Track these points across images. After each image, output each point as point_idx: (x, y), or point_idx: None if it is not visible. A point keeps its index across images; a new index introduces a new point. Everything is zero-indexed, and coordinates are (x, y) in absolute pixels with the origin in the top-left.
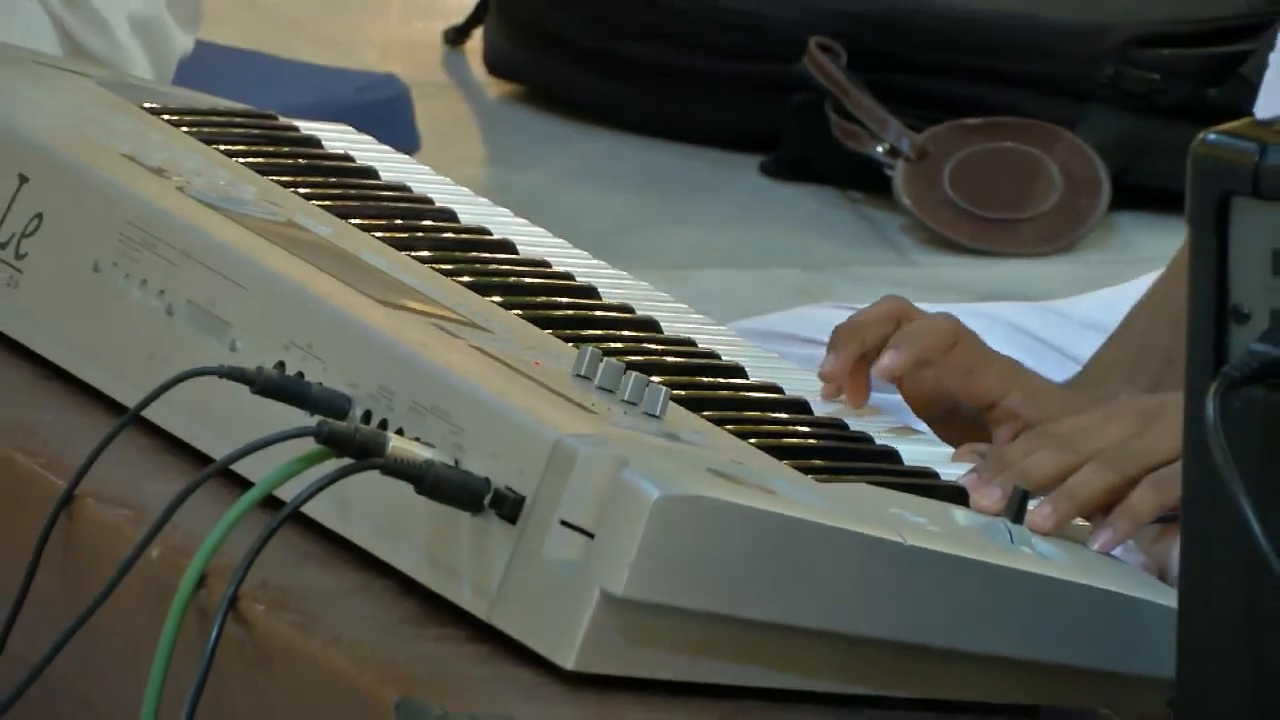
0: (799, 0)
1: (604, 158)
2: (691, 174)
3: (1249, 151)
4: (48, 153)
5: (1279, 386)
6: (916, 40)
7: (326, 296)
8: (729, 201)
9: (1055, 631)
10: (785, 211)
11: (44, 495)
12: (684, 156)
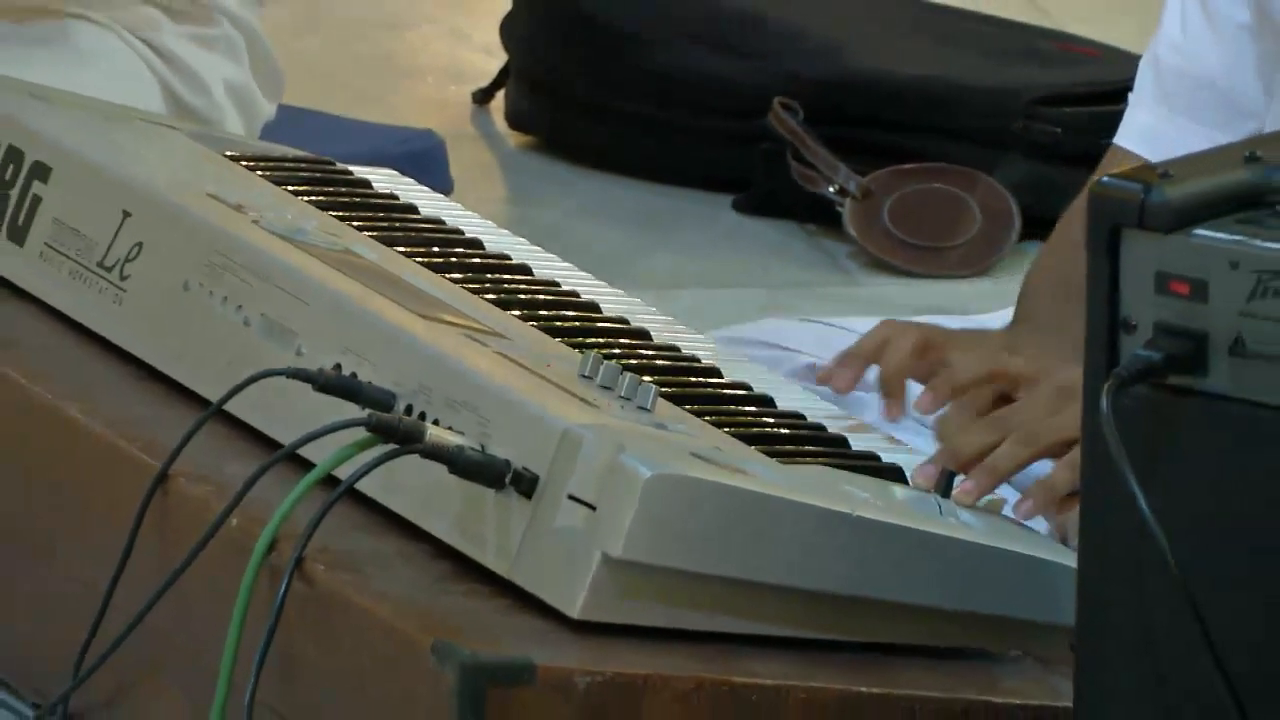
0: (765, 68)
1: (604, 197)
2: (676, 210)
3: (1136, 191)
4: (146, 193)
5: (1160, 386)
6: (862, 101)
7: (376, 310)
8: (707, 233)
9: (976, 586)
10: (753, 241)
11: (142, 474)
12: (670, 196)
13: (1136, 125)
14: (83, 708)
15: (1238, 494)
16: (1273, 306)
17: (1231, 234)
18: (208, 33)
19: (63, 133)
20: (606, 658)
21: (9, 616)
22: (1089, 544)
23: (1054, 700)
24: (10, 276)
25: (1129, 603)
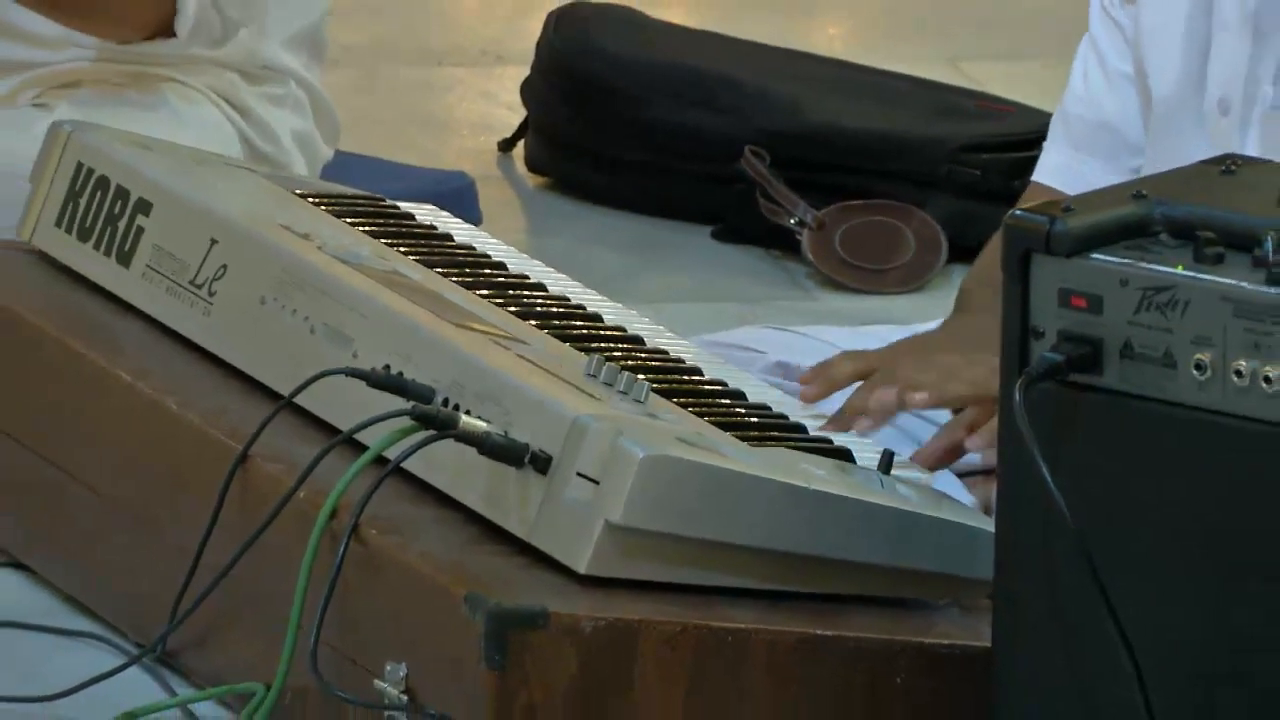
0: (738, 122)
1: (605, 228)
2: (665, 238)
3: (1043, 223)
4: (230, 224)
5: (1063, 382)
6: (817, 149)
7: (418, 320)
8: (691, 257)
9: (911, 547)
10: (728, 264)
11: (226, 455)
12: (659, 227)
13: (1050, 164)
14: (177, 647)
15: (1126, 469)
16: (1155, 318)
17: (1121, 258)
18: (277, 92)
19: (161, 175)
20: (608, 606)
21: (118, 574)
22: (1005, 512)
23: (976, 640)
24: (119, 293)
25: (1037, 560)
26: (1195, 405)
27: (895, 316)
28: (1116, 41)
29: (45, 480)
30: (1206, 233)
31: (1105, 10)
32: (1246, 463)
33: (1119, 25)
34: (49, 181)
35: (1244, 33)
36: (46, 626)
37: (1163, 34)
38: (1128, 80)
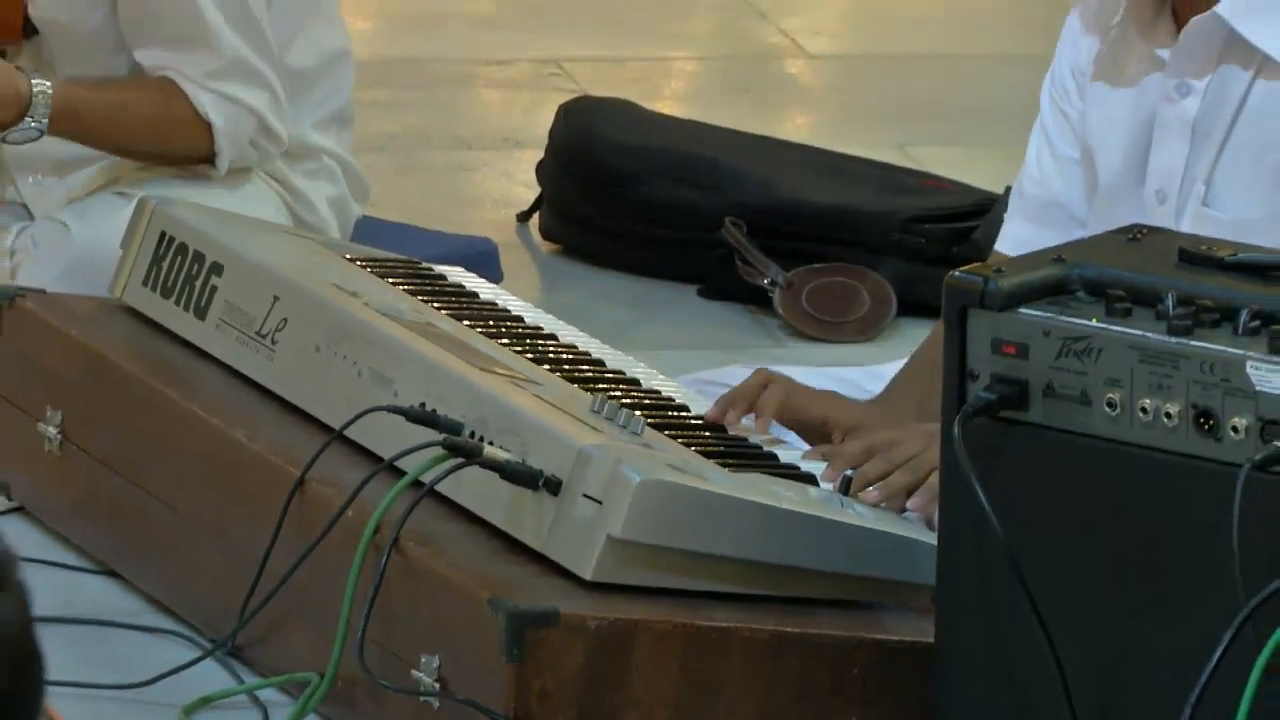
0: (719, 197)
1: (607, 287)
2: (658, 296)
3: (978, 282)
4: (290, 283)
5: (995, 417)
6: (787, 221)
7: (448, 365)
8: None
9: (867, 557)
10: (712, 318)
11: (286, 480)
12: (653, 287)
13: (1009, 235)
14: (245, 642)
15: (1049, 491)
16: (1073, 363)
17: (1044, 312)
18: (312, 167)
19: (231, 242)
20: (609, 607)
21: (195, 580)
22: (945, 527)
23: (921, 637)
24: (196, 342)
25: (973, 569)
26: (1107, 437)
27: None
28: (1065, 130)
29: (133, 500)
30: (1116, 291)
31: (1055, 102)
32: (1150, 485)
33: (1067, 116)
34: (136, 247)
35: (1184, 135)
36: (135, 625)
37: (1109, 128)
38: (1074, 164)
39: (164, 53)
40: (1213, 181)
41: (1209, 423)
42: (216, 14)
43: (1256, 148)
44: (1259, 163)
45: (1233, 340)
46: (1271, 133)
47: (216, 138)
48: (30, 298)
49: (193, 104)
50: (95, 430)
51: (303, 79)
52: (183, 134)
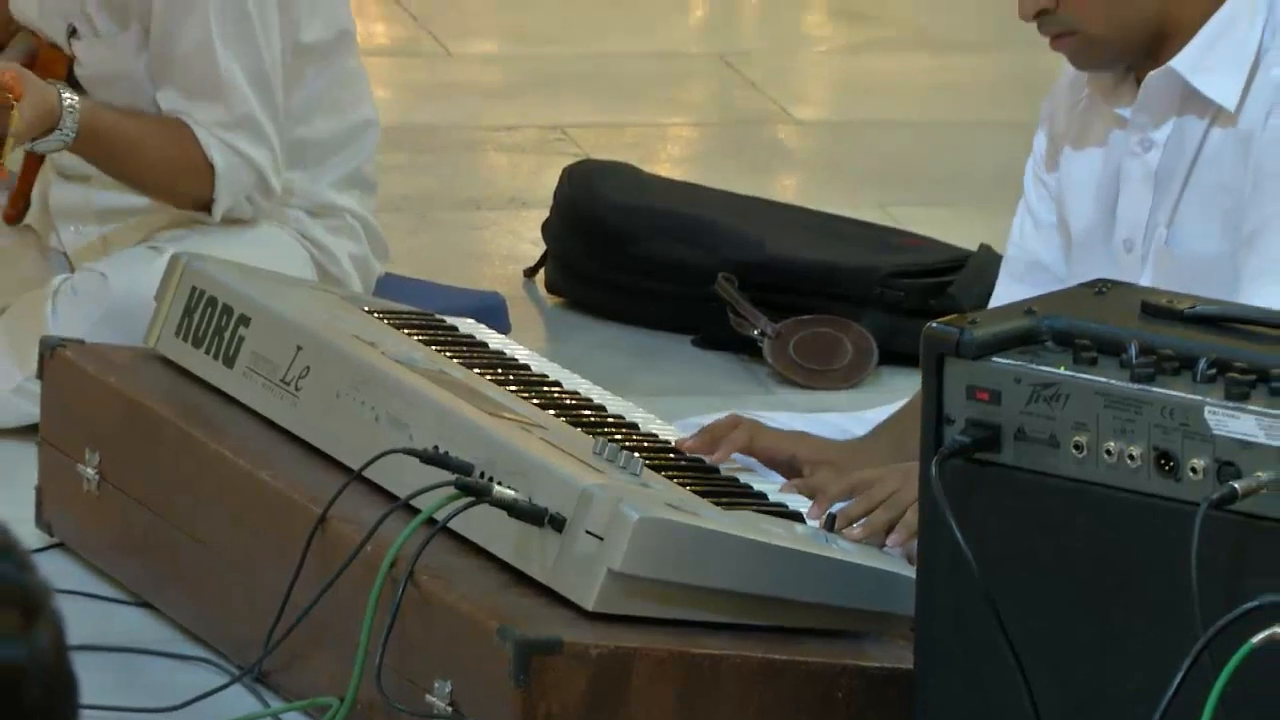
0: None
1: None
2: (656, 346)
3: (954, 333)
4: (312, 334)
5: (970, 459)
6: (776, 276)
7: (460, 410)
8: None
9: (850, 589)
10: (706, 366)
11: (309, 517)
12: (652, 337)
13: (1000, 297)
14: (270, 668)
15: (1020, 528)
16: (1042, 408)
17: (1015, 361)
18: (336, 224)
19: (258, 295)
20: (610, 636)
21: (223, 610)
22: (924, 561)
23: (901, 664)
24: (224, 389)
25: (950, 601)
26: (1074, 478)
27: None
28: (1044, 199)
29: (165, 536)
30: (1083, 341)
31: (1035, 174)
32: (1115, 522)
33: (1045, 185)
34: (169, 300)
35: (1146, 186)
36: (166, 652)
37: (1080, 187)
38: (1053, 229)
39: (180, 98)
40: (1174, 224)
41: (1169, 464)
42: (234, 70)
43: (1212, 191)
44: (1214, 204)
45: (1191, 387)
46: (1225, 176)
47: (217, 185)
48: (70, 348)
49: (203, 149)
50: (130, 471)
51: (322, 146)
52: (189, 176)
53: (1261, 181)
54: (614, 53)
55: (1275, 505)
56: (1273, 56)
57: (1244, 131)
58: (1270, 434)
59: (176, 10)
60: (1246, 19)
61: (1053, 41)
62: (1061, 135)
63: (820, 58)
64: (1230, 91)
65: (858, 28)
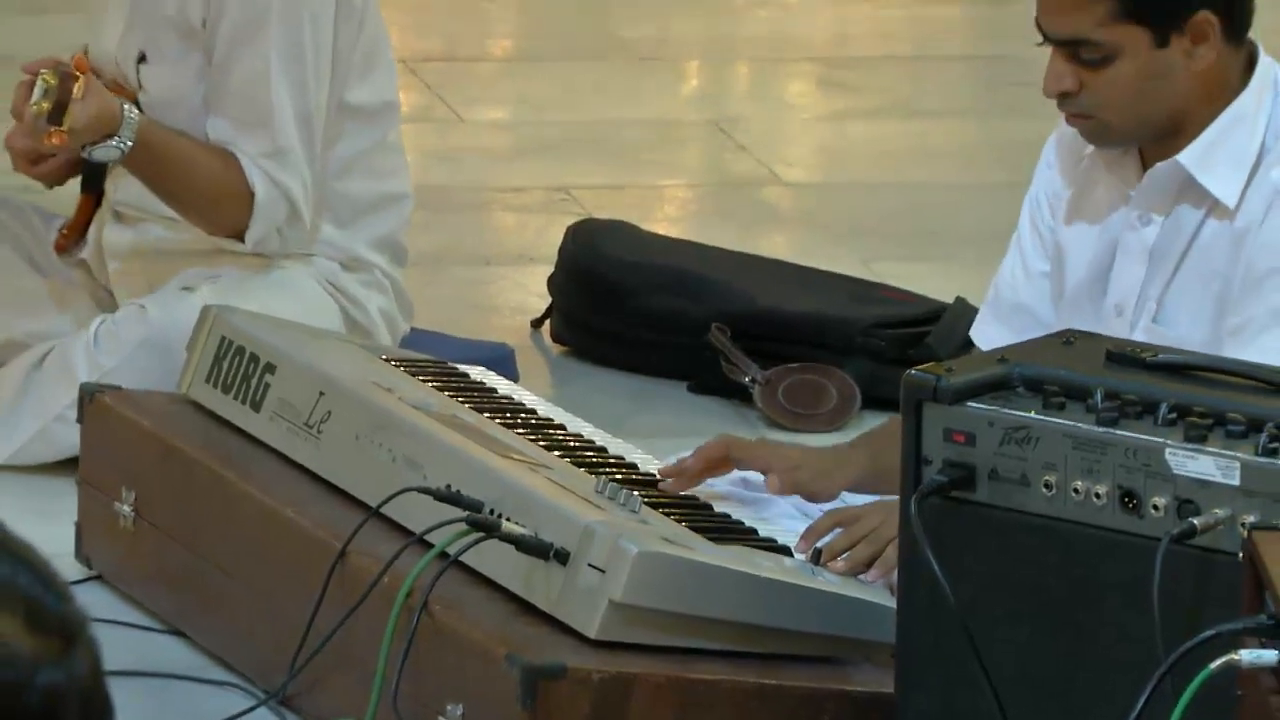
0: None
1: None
2: (654, 391)
3: (931, 379)
4: (334, 381)
5: (947, 497)
6: (765, 326)
7: (471, 451)
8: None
9: (835, 618)
10: (700, 410)
11: (330, 551)
12: (649, 383)
13: (985, 337)
14: (294, 692)
15: (994, 561)
16: (1014, 450)
17: (989, 405)
18: (366, 278)
19: (282, 345)
20: (611, 662)
21: (250, 638)
22: (904, 593)
23: (883, 689)
24: (252, 432)
25: (929, 629)
26: (1044, 514)
27: None
28: (1038, 247)
29: (195, 568)
30: (1052, 387)
31: (1034, 222)
32: (1082, 556)
33: (1040, 234)
34: (200, 349)
35: (1142, 259)
36: (197, 678)
37: (1079, 248)
38: (1044, 276)
39: (229, 127)
40: (1164, 302)
41: (1133, 502)
42: (284, 104)
43: (1203, 277)
44: (1205, 290)
45: (1153, 430)
46: (1217, 264)
47: (255, 212)
48: (108, 394)
49: (246, 177)
50: (164, 508)
51: (356, 205)
52: (230, 202)
53: (1249, 282)
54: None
55: (1232, 540)
56: (1273, 158)
57: (1240, 228)
58: (1226, 474)
59: (241, 40)
60: (1251, 120)
61: (1069, 118)
62: (1062, 184)
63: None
64: (1232, 189)
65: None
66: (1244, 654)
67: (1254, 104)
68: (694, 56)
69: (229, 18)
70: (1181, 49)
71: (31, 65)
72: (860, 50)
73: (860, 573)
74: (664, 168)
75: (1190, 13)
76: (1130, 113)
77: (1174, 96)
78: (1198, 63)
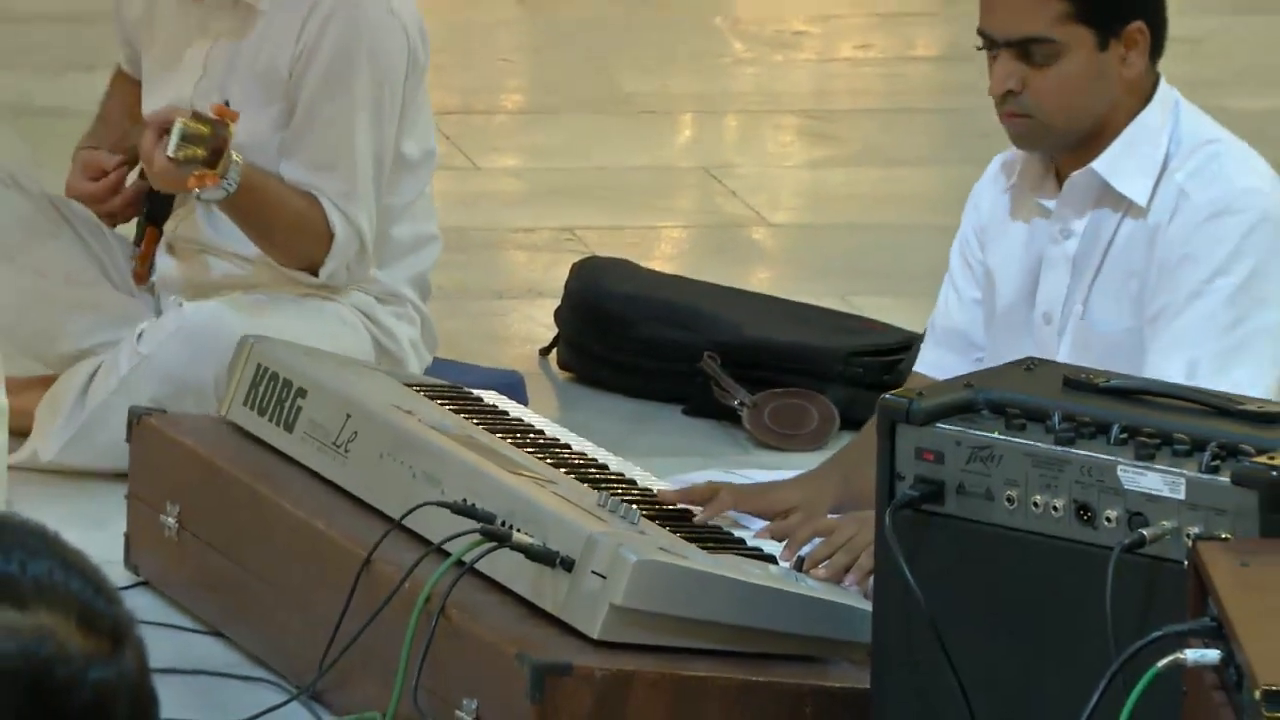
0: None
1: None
2: (651, 414)
3: (904, 403)
4: (360, 404)
5: (918, 510)
6: (753, 354)
7: (485, 468)
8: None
9: (816, 620)
10: (693, 431)
11: (356, 559)
12: (648, 406)
13: (924, 359)
14: (324, 688)
15: (961, 569)
16: (979, 467)
17: (956, 426)
18: (399, 311)
19: (313, 371)
20: (612, 661)
21: (283, 639)
22: (879, 597)
23: (860, 684)
24: (285, 451)
25: (901, 630)
26: (1007, 526)
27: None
28: (969, 276)
29: (234, 575)
30: (1013, 410)
31: (964, 257)
32: (1041, 564)
33: (971, 268)
34: (238, 375)
35: (1066, 269)
36: (235, 674)
37: (1006, 268)
38: (976, 304)
39: (306, 170)
40: (1088, 303)
41: (1088, 514)
42: (364, 148)
43: (1122, 275)
44: (1124, 287)
45: (1106, 449)
46: (1133, 263)
47: (332, 251)
48: (154, 416)
49: (327, 218)
50: (205, 520)
51: (398, 247)
52: (312, 241)
53: (1163, 272)
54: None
55: (1178, 549)
56: (1176, 164)
57: (1151, 225)
58: (1173, 489)
59: (328, 88)
60: (1156, 131)
61: (1007, 117)
62: (988, 220)
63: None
64: (1141, 190)
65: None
66: (1189, 653)
67: (1158, 118)
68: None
69: (317, 69)
70: (1117, 54)
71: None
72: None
73: (838, 579)
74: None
75: (1128, 20)
76: (1066, 112)
77: (1105, 100)
78: (1128, 69)
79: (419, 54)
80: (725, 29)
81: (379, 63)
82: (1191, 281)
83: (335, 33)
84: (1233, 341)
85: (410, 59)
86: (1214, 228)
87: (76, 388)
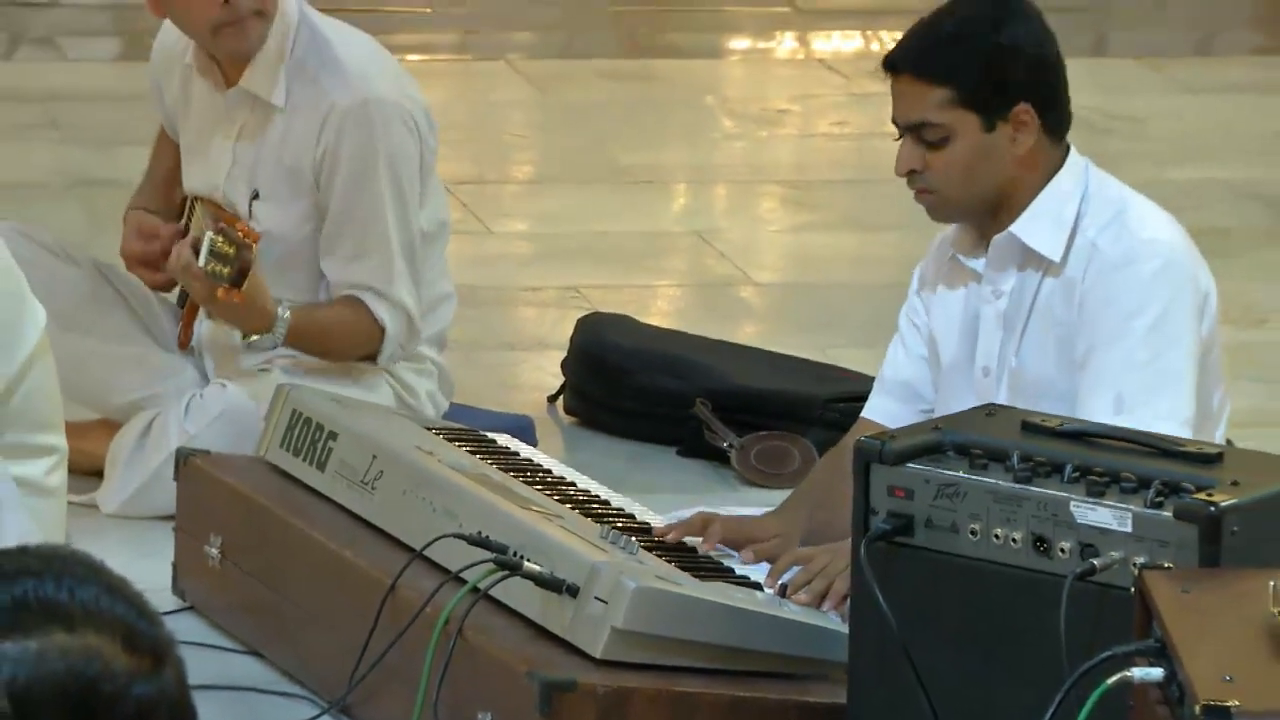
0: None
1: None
2: (647, 456)
3: (877, 445)
4: (385, 447)
5: (890, 542)
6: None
7: (498, 504)
8: (663, 466)
9: (798, 641)
10: (686, 470)
11: (381, 586)
12: (644, 448)
13: (873, 407)
14: (353, 702)
15: (929, 596)
16: (946, 503)
17: (925, 466)
18: (419, 367)
19: (344, 417)
20: (613, 678)
21: (316, 658)
22: (855, 621)
23: (838, 700)
24: (317, 488)
25: (874, 650)
26: (971, 556)
27: None
28: (915, 335)
29: (271, 600)
30: (976, 451)
31: (910, 319)
32: (1002, 591)
33: (917, 327)
34: (275, 419)
35: (998, 326)
36: (273, 690)
37: (947, 329)
38: (922, 359)
39: (344, 263)
40: (1020, 354)
41: (1044, 546)
42: (396, 235)
43: (1047, 325)
44: (1049, 337)
45: (1061, 486)
46: (1055, 314)
47: (386, 341)
48: (199, 457)
49: (373, 315)
50: (245, 551)
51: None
52: (365, 342)
53: (1085, 321)
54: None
55: (1125, 577)
56: (1087, 221)
57: (1069, 279)
58: (1121, 523)
59: (355, 188)
60: (1067, 195)
61: (917, 193)
62: (932, 287)
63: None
64: (1055, 247)
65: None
66: (1135, 672)
67: (1069, 183)
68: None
69: (341, 174)
70: (1006, 135)
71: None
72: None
73: (818, 604)
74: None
75: (1012, 104)
76: (963, 188)
77: (1000, 175)
78: (1018, 147)
79: (428, 140)
80: (715, 107)
81: (395, 158)
82: (1110, 324)
83: (351, 138)
84: (1151, 375)
85: (421, 147)
86: (1125, 275)
87: (130, 445)
